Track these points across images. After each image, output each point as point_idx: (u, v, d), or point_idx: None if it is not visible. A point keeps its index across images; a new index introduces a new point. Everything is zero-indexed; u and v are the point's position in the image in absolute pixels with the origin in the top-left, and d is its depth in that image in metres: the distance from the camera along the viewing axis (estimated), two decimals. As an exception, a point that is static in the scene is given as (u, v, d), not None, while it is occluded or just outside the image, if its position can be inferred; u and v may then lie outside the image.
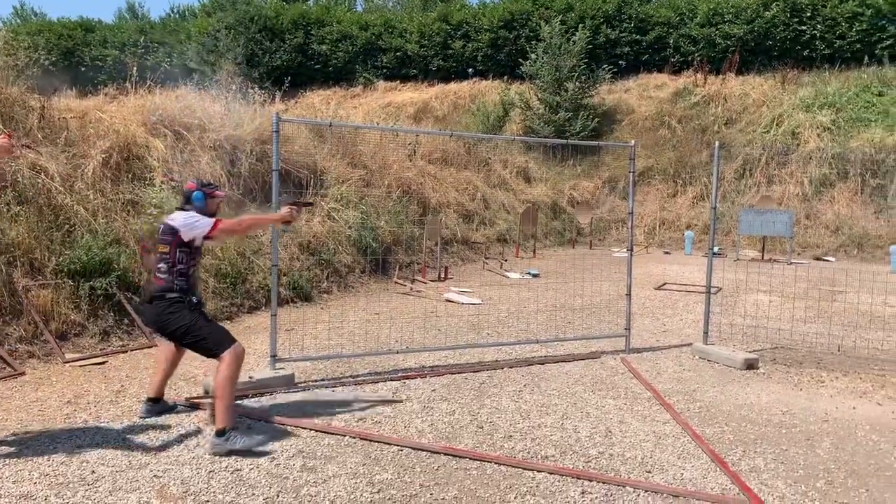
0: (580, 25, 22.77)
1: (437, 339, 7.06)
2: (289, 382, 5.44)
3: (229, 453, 4.04)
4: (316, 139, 12.31)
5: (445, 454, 4.13)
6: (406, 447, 4.23)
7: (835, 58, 21.14)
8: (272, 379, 5.39)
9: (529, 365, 6.24)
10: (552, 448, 4.26)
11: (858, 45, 20.70)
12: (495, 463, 3.99)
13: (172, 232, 4.35)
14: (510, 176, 18.81)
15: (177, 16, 36.89)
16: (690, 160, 19.97)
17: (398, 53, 27.58)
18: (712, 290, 7.22)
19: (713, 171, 7.09)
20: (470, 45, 26.16)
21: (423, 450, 4.19)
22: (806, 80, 21.06)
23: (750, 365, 6.33)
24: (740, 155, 19.22)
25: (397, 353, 6.27)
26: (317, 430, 4.50)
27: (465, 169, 16.41)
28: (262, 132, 10.40)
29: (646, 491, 3.67)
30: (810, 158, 18.26)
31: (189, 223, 4.36)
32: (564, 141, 8.98)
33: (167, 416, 4.66)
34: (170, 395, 5.01)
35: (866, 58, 20.53)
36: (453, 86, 26.35)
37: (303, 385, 5.46)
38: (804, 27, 21.38)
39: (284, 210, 4.66)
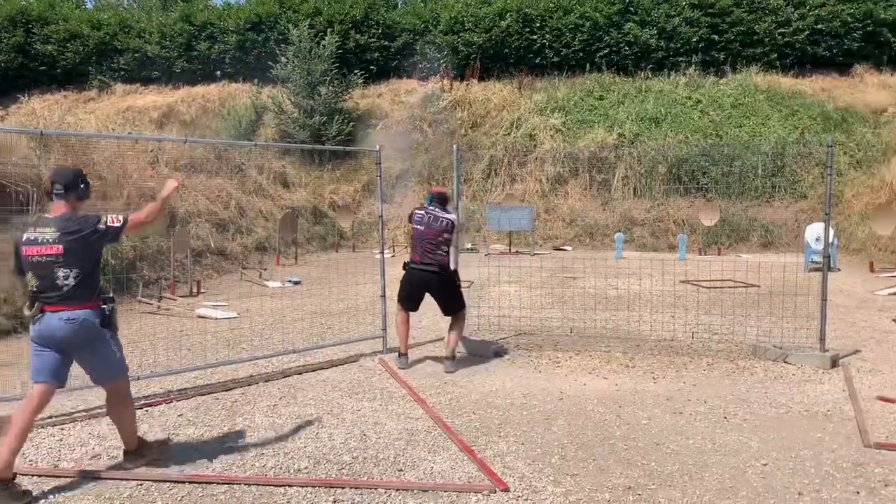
0: (329, 30, 22.81)
1: (185, 359, 6.63)
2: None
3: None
4: (39, 149, 11.03)
5: (190, 482, 3.88)
6: (146, 481, 3.91)
7: (562, 65, 23.27)
8: (-18, 424, 4.70)
9: (286, 376, 6.10)
10: (306, 460, 4.18)
11: (581, 54, 22.99)
12: (244, 484, 3.83)
13: (454, 227, 6.30)
14: (267, 182, 18.31)
15: None
16: (442, 162, 20.84)
17: (137, 55, 25.61)
18: (465, 284, 7.58)
19: (454, 173, 7.45)
20: (216, 46, 25.07)
21: (165, 481, 3.90)
22: (539, 85, 22.94)
23: (497, 353, 6.76)
24: (486, 156, 20.49)
25: (139, 378, 5.76)
26: (41, 475, 4.00)
27: (216, 176, 15.68)
28: (-33, 142, 9.09)
29: (396, 490, 3.73)
30: (546, 158, 19.98)
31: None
32: (311, 146, 8.92)
33: None
34: None
35: (588, 65, 22.89)
36: (201, 89, 25.08)
37: (25, 427, 4.83)
38: (535, 36, 23.30)
39: None
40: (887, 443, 4.40)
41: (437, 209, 6.38)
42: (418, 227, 6.32)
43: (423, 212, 6.40)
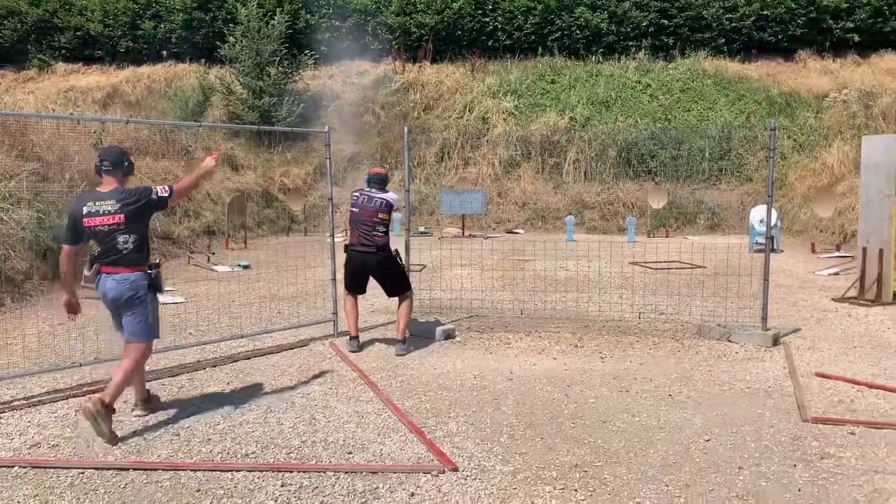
0: (278, 9, 22.37)
1: (131, 344, 6.47)
2: (-62, 416, 4.61)
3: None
4: (-28, 129, 10.62)
5: (135, 469, 3.80)
6: (88, 468, 3.81)
7: (515, 48, 23.25)
8: (-85, 415, 4.53)
9: (235, 361, 6.02)
10: (254, 445, 4.13)
11: (533, 37, 23.01)
12: (190, 470, 3.77)
13: (390, 207, 6.25)
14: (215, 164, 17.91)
15: None
16: (395, 145, 20.70)
17: (79, 33, 24.76)
18: (418, 267, 7.57)
19: (406, 156, 7.42)
20: (162, 25, 24.38)
21: (108, 468, 3.81)
22: (492, 68, 22.91)
23: (448, 335, 6.78)
24: (439, 139, 20.42)
25: (81, 366, 5.63)
26: (-25, 467, 3.88)
27: (162, 158, 15.30)
28: None
29: (345, 473, 3.72)
30: (498, 142, 20.01)
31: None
32: (256, 127, 8.75)
33: None
34: None
35: (540, 48, 22.94)
36: (146, 69, 24.37)
37: (-42, 417, 4.67)
38: (487, 19, 23.22)
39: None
40: (824, 417, 4.56)
41: (373, 190, 6.37)
42: (354, 209, 6.35)
43: (358, 193, 6.43)
